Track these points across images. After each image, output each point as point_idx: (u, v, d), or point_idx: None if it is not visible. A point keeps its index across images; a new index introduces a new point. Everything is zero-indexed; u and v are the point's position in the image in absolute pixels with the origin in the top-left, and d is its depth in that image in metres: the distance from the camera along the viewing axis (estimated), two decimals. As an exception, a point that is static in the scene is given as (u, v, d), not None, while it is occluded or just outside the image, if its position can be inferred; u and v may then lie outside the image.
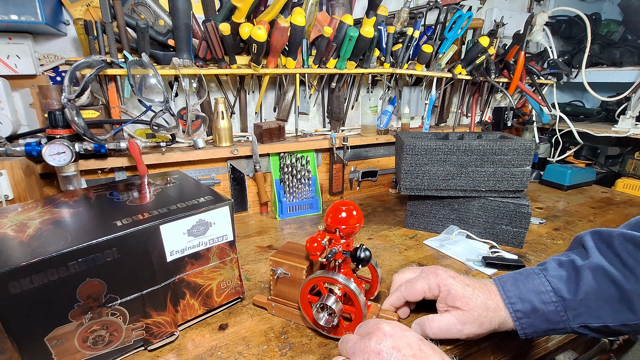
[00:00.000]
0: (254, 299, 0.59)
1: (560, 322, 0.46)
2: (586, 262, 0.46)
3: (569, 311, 0.46)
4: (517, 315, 0.47)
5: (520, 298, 0.48)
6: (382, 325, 0.39)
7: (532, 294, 0.47)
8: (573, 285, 0.46)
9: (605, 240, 0.47)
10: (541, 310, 0.46)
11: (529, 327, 0.47)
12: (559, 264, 0.49)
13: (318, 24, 0.94)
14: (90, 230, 0.44)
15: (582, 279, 0.46)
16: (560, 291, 0.46)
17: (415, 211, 0.88)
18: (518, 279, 0.50)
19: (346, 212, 0.49)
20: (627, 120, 1.24)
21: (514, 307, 0.48)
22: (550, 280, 0.47)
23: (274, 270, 0.54)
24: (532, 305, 0.47)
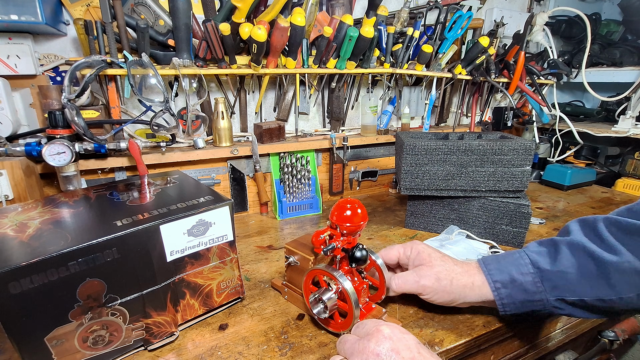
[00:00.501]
0: (272, 282, 0.65)
1: (537, 292, 0.48)
2: (566, 239, 0.49)
3: (545, 282, 0.48)
4: (495, 285, 0.50)
5: (499, 269, 0.51)
6: (381, 327, 0.39)
7: (511, 266, 0.50)
8: (551, 258, 0.48)
9: (590, 225, 0.49)
10: (519, 281, 0.49)
11: (506, 297, 0.50)
12: (540, 242, 0.52)
13: (318, 24, 0.94)
14: (90, 230, 0.44)
15: (560, 253, 0.48)
16: (538, 263, 0.49)
17: (415, 211, 0.88)
18: (500, 256, 0.53)
19: (351, 210, 0.50)
20: (627, 120, 1.24)
21: (493, 278, 0.50)
22: (529, 254, 0.50)
23: (287, 257, 0.58)
24: (510, 276, 0.49)
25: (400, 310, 0.58)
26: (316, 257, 0.55)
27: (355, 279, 0.53)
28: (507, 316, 0.55)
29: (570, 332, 0.72)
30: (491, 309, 0.58)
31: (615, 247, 0.45)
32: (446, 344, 0.51)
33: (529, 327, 0.63)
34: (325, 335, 0.52)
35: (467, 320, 0.56)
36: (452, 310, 0.58)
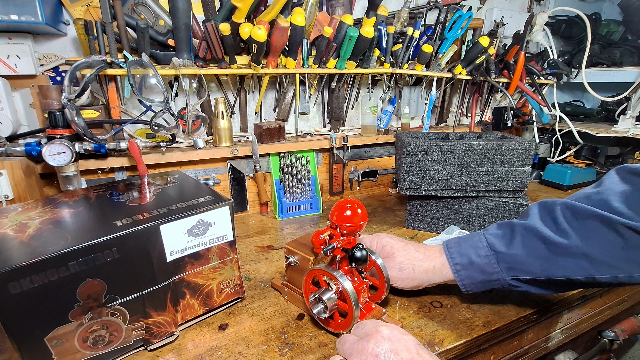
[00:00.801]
0: (272, 282, 0.65)
1: (494, 273, 0.52)
2: (522, 223, 0.52)
3: (501, 263, 0.52)
4: (456, 267, 0.55)
5: (459, 253, 0.55)
6: (380, 328, 0.39)
7: (470, 249, 0.54)
8: (507, 241, 0.52)
9: (549, 208, 0.52)
10: (477, 263, 0.53)
11: (467, 278, 0.54)
12: (499, 225, 0.55)
13: (318, 24, 0.94)
14: (90, 230, 0.44)
15: (515, 237, 0.51)
16: (495, 245, 0.52)
17: (415, 211, 0.88)
18: (462, 239, 0.57)
19: (351, 210, 0.50)
20: (627, 120, 1.24)
21: (454, 261, 0.55)
22: (487, 237, 0.54)
23: (287, 257, 0.58)
24: (469, 258, 0.54)
25: (400, 310, 0.58)
26: (316, 257, 0.55)
27: (355, 279, 0.53)
28: (508, 314, 0.57)
29: (570, 332, 0.72)
30: (490, 310, 0.58)
31: (567, 232, 0.48)
32: (446, 344, 0.51)
33: (529, 327, 0.63)
34: (325, 335, 0.52)
35: (467, 320, 0.56)
36: (452, 310, 0.58)
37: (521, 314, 0.57)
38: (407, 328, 0.54)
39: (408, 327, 0.54)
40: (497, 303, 0.60)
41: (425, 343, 0.51)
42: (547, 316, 0.64)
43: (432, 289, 0.62)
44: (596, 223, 0.46)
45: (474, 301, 0.60)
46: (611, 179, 0.50)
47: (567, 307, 0.67)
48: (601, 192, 0.48)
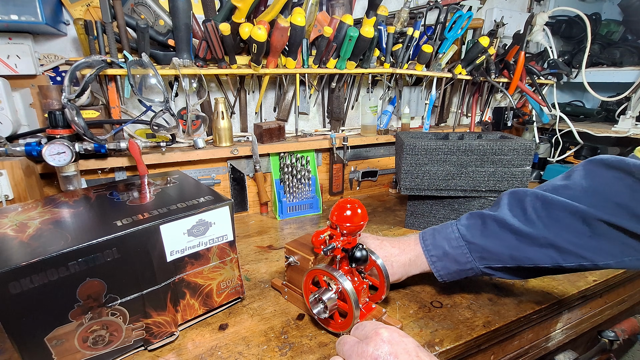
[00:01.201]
0: (272, 282, 0.65)
1: (467, 262, 0.55)
2: (492, 214, 0.54)
3: (473, 253, 0.54)
4: (432, 259, 0.57)
5: (434, 245, 0.57)
6: (380, 330, 0.39)
7: (444, 241, 0.57)
8: (478, 232, 0.54)
9: (519, 198, 0.54)
10: (451, 254, 0.55)
11: (442, 269, 0.57)
12: (471, 215, 0.57)
13: (318, 24, 0.94)
14: (90, 230, 0.44)
15: (486, 228, 0.54)
16: (466, 236, 0.55)
17: (415, 211, 0.88)
18: (436, 229, 0.59)
19: (351, 210, 0.50)
20: (627, 120, 1.24)
21: (430, 253, 0.57)
22: (459, 228, 0.56)
23: (287, 257, 0.58)
24: (443, 250, 0.56)
25: (401, 310, 0.58)
26: (316, 257, 0.55)
27: (355, 279, 0.53)
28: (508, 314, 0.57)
29: (570, 332, 0.72)
30: (490, 310, 0.58)
31: (535, 222, 0.50)
32: (446, 344, 0.51)
33: (529, 327, 0.63)
34: (325, 335, 0.52)
35: (467, 320, 0.56)
36: (452, 310, 0.58)
37: (521, 314, 0.57)
38: (407, 328, 0.54)
39: (408, 327, 0.54)
40: (497, 303, 0.60)
41: (425, 343, 0.51)
42: (547, 316, 0.64)
43: (430, 288, 0.63)
44: (564, 213, 0.48)
45: (474, 301, 0.60)
46: (580, 171, 0.51)
47: (567, 307, 0.67)
48: (569, 186, 0.50)
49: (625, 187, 0.45)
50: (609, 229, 0.46)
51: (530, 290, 0.64)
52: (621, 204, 0.45)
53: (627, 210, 0.45)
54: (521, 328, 0.61)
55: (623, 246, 0.46)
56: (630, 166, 0.45)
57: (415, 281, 0.65)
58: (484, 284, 0.65)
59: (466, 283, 0.65)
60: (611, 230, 0.46)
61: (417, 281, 0.65)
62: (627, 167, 0.46)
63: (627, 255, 0.47)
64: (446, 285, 0.62)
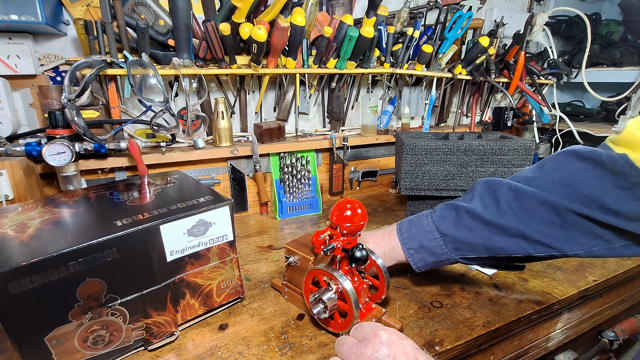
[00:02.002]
0: (272, 282, 0.65)
1: (443, 254, 0.56)
2: (465, 206, 0.55)
3: (448, 244, 0.56)
4: (409, 252, 0.58)
5: (411, 238, 0.58)
6: (379, 332, 0.39)
7: (420, 233, 0.58)
8: (452, 224, 0.55)
9: (492, 188, 0.55)
10: (427, 246, 0.57)
11: (420, 261, 0.58)
12: (446, 205, 0.59)
13: (318, 24, 0.94)
14: (90, 230, 0.44)
15: (460, 219, 0.55)
16: (441, 228, 0.56)
17: (415, 211, 0.88)
18: (412, 221, 0.60)
19: (351, 210, 0.50)
20: (627, 120, 1.24)
21: (407, 246, 0.58)
22: (434, 220, 0.57)
23: (287, 257, 0.58)
24: (420, 243, 0.57)
25: (401, 310, 0.58)
26: (316, 257, 0.55)
27: (355, 279, 0.53)
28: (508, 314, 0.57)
29: (570, 332, 0.72)
30: (490, 310, 0.58)
31: (506, 213, 0.51)
32: (446, 344, 0.51)
33: (529, 327, 0.63)
34: (325, 335, 0.52)
35: (467, 320, 0.56)
36: (452, 310, 0.58)
37: (521, 314, 0.57)
38: (407, 328, 0.54)
39: (408, 327, 0.54)
40: (497, 303, 0.60)
41: (425, 343, 0.51)
42: (547, 316, 0.64)
43: (430, 288, 0.63)
44: (535, 204, 0.49)
45: (474, 301, 0.60)
46: (552, 162, 0.52)
47: (567, 307, 0.67)
48: (539, 177, 0.51)
49: (594, 178, 0.46)
50: (579, 219, 0.47)
51: (530, 290, 0.64)
52: (591, 196, 0.46)
53: (596, 201, 0.46)
54: (521, 328, 0.61)
55: (592, 236, 0.48)
56: (601, 157, 0.46)
57: (416, 281, 0.65)
58: (483, 284, 0.65)
59: (466, 283, 0.66)
60: (581, 220, 0.47)
61: (417, 281, 0.65)
62: (598, 157, 0.46)
63: (595, 245, 0.48)
64: (447, 285, 0.62)
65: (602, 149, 0.47)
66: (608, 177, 0.45)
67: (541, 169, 0.52)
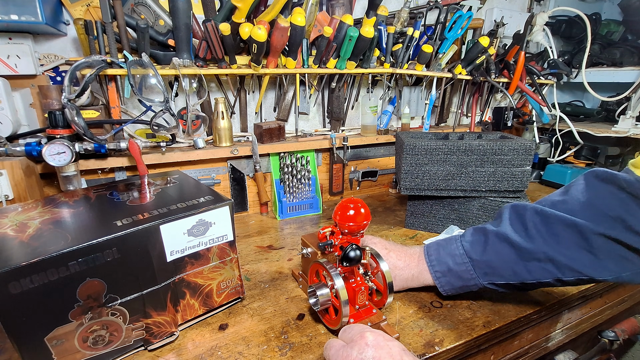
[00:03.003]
0: (292, 270, 0.69)
1: (471, 279, 0.55)
2: (494, 230, 0.55)
3: (477, 269, 0.54)
4: (436, 275, 0.57)
5: (438, 261, 0.57)
6: (365, 334, 0.39)
7: (448, 257, 0.57)
8: (481, 248, 0.55)
9: (519, 212, 0.54)
10: (455, 270, 0.56)
11: (446, 284, 0.57)
12: (475, 230, 0.58)
13: (318, 24, 0.94)
14: (90, 230, 0.44)
15: (488, 244, 0.54)
16: (470, 253, 0.55)
17: (415, 211, 0.88)
18: (440, 244, 0.59)
19: (354, 209, 0.51)
20: (627, 120, 1.24)
21: (434, 269, 0.57)
22: (463, 245, 0.56)
23: (302, 248, 0.61)
24: (447, 266, 0.56)
25: (401, 310, 0.58)
26: (323, 252, 0.56)
27: (357, 279, 0.53)
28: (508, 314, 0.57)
29: (570, 332, 0.72)
30: (490, 310, 0.58)
31: (534, 237, 0.51)
32: (446, 344, 0.51)
33: (529, 327, 0.63)
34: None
35: (467, 320, 0.56)
36: (452, 310, 0.58)
37: (521, 314, 0.57)
38: (407, 328, 0.54)
39: (408, 327, 0.54)
40: (497, 303, 0.60)
41: (425, 343, 0.51)
42: (547, 316, 0.64)
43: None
44: (562, 228, 0.49)
45: (474, 301, 0.60)
46: (577, 186, 0.51)
47: (567, 307, 0.67)
48: (567, 201, 0.51)
49: (618, 200, 0.46)
50: (606, 242, 0.46)
51: (530, 290, 0.64)
52: (617, 217, 0.45)
53: (622, 223, 0.45)
54: (521, 328, 0.60)
55: (621, 260, 0.47)
56: (620, 181, 0.46)
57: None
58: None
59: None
60: (609, 243, 0.46)
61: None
62: (618, 182, 0.46)
63: (625, 270, 0.47)
64: None
65: (624, 172, 0.47)
66: (631, 199, 0.45)
67: (567, 193, 0.52)
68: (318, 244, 0.55)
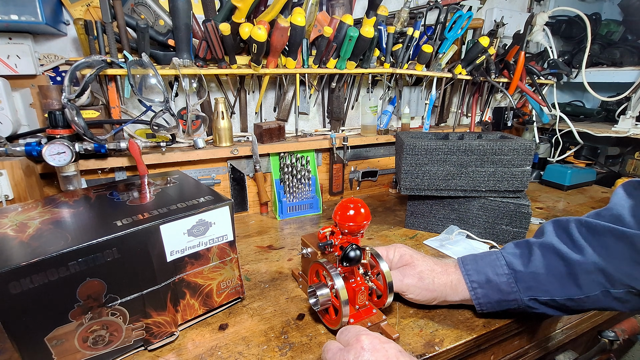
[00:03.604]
0: (292, 270, 0.68)
1: (512, 293, 0.51)
2: (539, 241, 0.52)
3: (519, 283, 0.50)
4: (472, 285, 0.53)
5: (476, 270, 0.53)
6: (361, 337, 0.40)
7: (488, 267, 0.53)
8: (525, 260, 0.51)
9: (563, 226, 0.52)
10: (494, 281, 0.52)
11: (483, 297, 0.53)
12: (516, 244, 0.55)
13: (318, 24, 0.94)
14: (90, 230, 0.44)
15: (533, 255, 0.51)
16: (513, 264, 0.51)
17: (415, 211, 0.88)
18: (478, 256, 0.56)
19: (354, 209, 0.51)
20: (627, 120, 1.24)
21: (470, 278, 0.53)
22: (505, 256, 0.53)
23: (302, 248, 0.61)
24: (486, 277, 0.52)
25: (401, 310, 0.58)
26: (323, 252, 0.56)
27: (357, 279, 0.53)
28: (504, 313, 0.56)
29: (570, 332, 0.72)
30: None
31: (583, 247, 0.48)
32: (446, 344, 0.51)
33: (529, 327, 0.63)
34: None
35: (467, 321, 0.56)
36: (452, 310, 0.58)
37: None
38: (407, 328, 0.54)
39: (408, 327, 0.54)
40: (497, 303, 0.60)
41: (425, 343, 0.51)
42: (547, 316, 0.64)
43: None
44: (611, 237, 0.46)
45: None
46: (618, 196, 0.50)
47: (567, 307, 0.67)
48: (611, 208, 0.49)
49: None
50: None
51: (530, 290, 0.64)
52: None
53: None
54: (521, 328, 0.60)
55: None
56: None
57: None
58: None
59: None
60: None
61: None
62: None
63: None
64: None
65: None
66: None
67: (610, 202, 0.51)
68: (318, 244, 0.55)
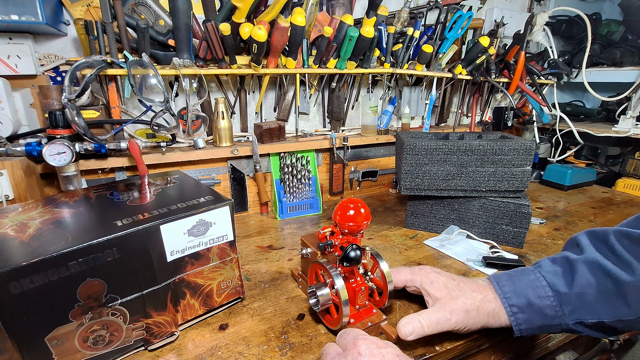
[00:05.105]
0: (292, 270, 0.68)
1: (556, 317, 0.45)
2: (581, 257, 0.46)
3: (564, 305, 0.45)
4: (512, 310, 0.47)
5: (515, 293, 0.47)
6: (358, 342, 0.39)
7: (528, 288, 0.47)
8: (568, 280, 0.46)
9: (601, 238, 0.47)
10: (537, 305, 0.46)
11: (524, 323, 0.47)
12: (553, 260, 0.49)
13: (318, 24, 0.94)
14: (91, 230, 0.44)
15: (577, 273, 0.45)
16: (556, 285, 0.46)
17: (415, 211, 0.88)
18: (513, 275, 0.50)
19: (354, 209, 0.51)
20: (627, 120, 1.24)
21: (509, 302, 0.47)
22: (545, 276, 0.47)
23: (302, 248, 0.60)
24: (527, 300, 0.46)
25: (401, 310, 0.58)
26: (323, 252, 0.56)
27: (357, 279, 0.53)
28: None
29: (571, 332, 0.72)
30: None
31: (631, 263, 0.43)
32: (446, 344, 0.51)
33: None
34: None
35: (467, 320, 0.56)
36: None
37: (521, 314, 0.57)
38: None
39: (408, 327, 0.54)
40: (497, 303, 0.60)
41: (425, 343, 0.51)
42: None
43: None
44: None
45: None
46: None
47: (567, 307, 0.67)
48: None
49: None
50: None
51: (531, 290, 0.64)
52: None
53: None
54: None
55: None
56: None
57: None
58: (484, 284, 0.65)
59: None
60: None
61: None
62: None
63: None
64: None
65: None
66: None
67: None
68: (318, 244, 0.55)
